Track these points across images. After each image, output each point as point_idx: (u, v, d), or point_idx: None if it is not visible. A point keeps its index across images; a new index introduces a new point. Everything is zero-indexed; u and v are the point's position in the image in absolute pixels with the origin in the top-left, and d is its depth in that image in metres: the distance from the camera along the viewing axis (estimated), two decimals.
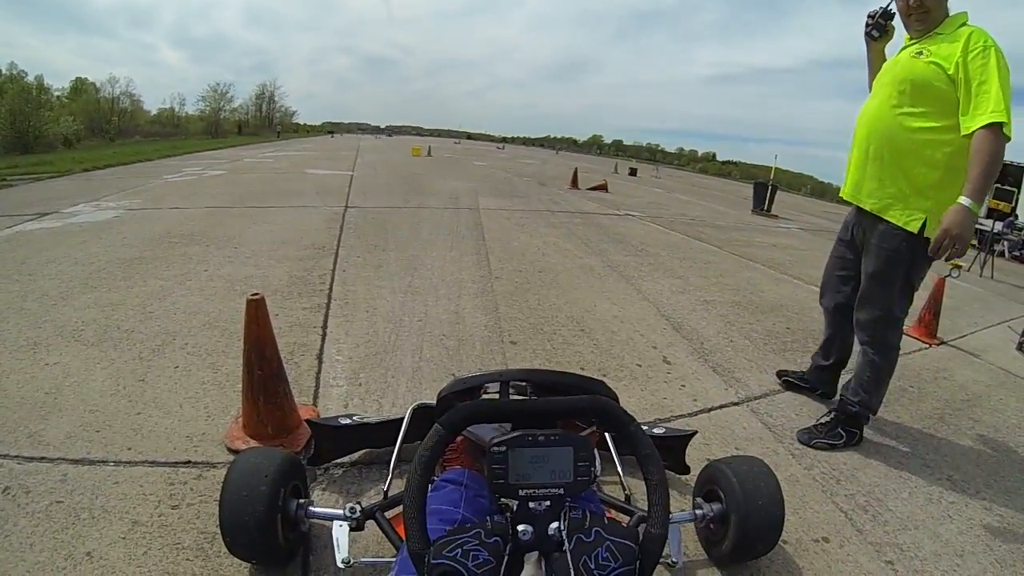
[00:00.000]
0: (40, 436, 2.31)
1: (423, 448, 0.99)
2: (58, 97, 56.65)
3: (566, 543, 0.96)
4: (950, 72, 2.30)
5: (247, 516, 1.59)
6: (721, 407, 3.16)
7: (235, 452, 2.25)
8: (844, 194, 2.82)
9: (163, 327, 3.48)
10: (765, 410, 3.17)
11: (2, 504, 1.91)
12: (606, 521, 1.01)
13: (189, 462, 2.24)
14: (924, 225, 2.45)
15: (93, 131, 56.70)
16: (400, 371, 3.19)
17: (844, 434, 2.80)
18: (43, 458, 2.17)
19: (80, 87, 67.22)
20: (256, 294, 2.28)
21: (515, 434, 1.01)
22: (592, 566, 0.92)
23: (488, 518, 0.94)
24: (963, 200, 2.23)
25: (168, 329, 3.45)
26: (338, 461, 2.31)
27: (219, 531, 1.65)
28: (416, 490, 0.96)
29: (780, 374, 3.54)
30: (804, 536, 2.16)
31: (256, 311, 2.26)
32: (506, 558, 0.90)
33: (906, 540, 2.20)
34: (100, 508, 1.94)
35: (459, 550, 0.87)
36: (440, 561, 0.86)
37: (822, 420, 2.90)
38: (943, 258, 2.31)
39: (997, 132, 2.19)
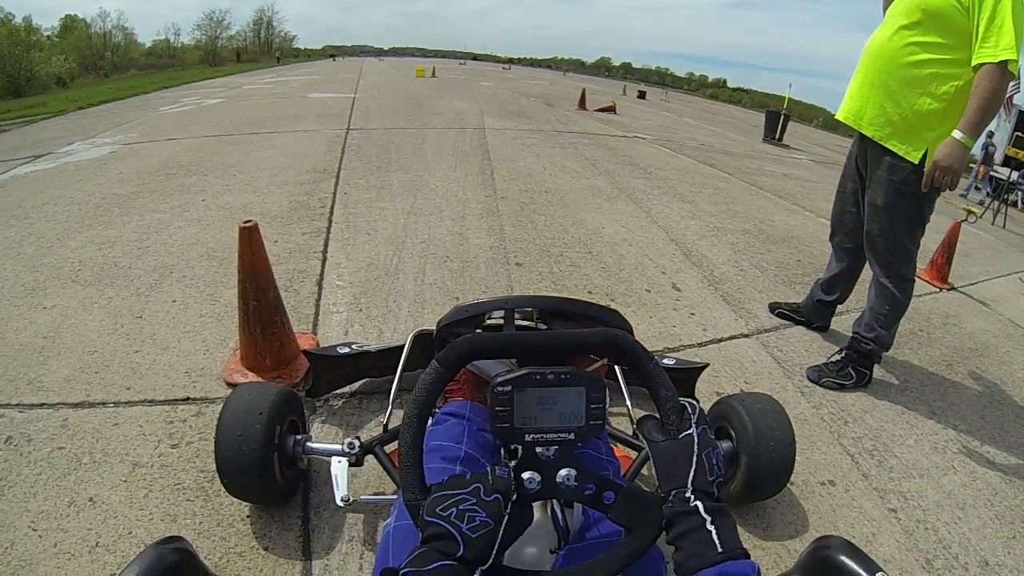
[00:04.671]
0: (40, 382, 2.26)
1: (419, 389, 0.87)
2: (48, 37, 55.37)
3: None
4: (964, 2, 2.19)
5: (243, 457, 1.53)
6: (731, 338, 3.08)
7: (233, 386, 2.19)
8: (842, 117, 2.70)
9: (160, 261, 3.39)
10: (775, 344, 3.09)
11: (5, 455, 1.88)
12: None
13: (188, 399, 2.19)
14: (925, 156, 2.36)
15: (87, 68, 55.75)
16: (402, 295, 3.11)
17: (854, 374, 2.74)
18: (43, 404, 2.13)
19: (70, 24, 65.41)
20: (249, 221, 2.14)
21: (521, 372, 0.88)
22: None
23: (490, 469, 0.83)
24: (956, 133, 2.22)
25: (165, 263, 3.37)
26: (338, 392, 2.25)
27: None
28: (412, 437, 0.86)
29: (772, 306, 3.46)
30: (811, 478, 2.12)
31: (249, 239, 2.13)
32: (506, 518, 0.80)
33: (910, 488, 2.16)
34: (101, 452, 1.91)
35: (454, 509, 0.76)
36: (432, 520, 0.76)
37: (832, 359, 2.83)
38: (939, 190, 2.35)
39: (1003, 69, 2.14)
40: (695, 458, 0.82)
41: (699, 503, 0.78)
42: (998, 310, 4.25)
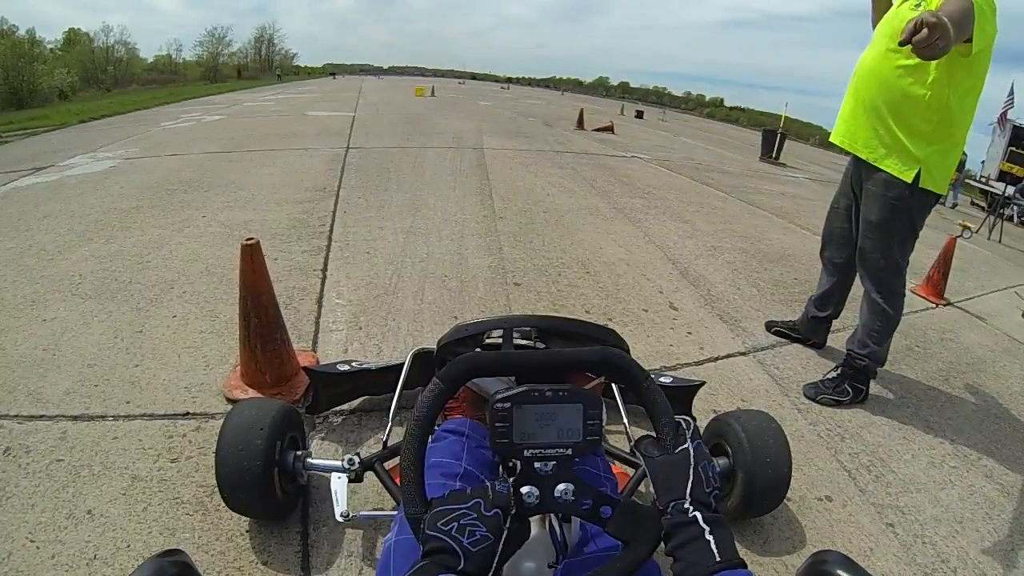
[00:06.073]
0: (39, 394, 2.27)
1: (420, 405, 0.90)
2: (51, 50, 55.67)
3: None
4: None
5: (243, 471, 1.54)
6: (728, 357, 3.10)
7: (233, 402, 2.20)
8: (836, 140, 2.75)
9: (161, 276, 3.41)
10: (772, 362, 3.11)
11: (3, 466, 1.88)
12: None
13: (188, 414, 2.19)
14: (919, 175, 2.41)
15: (89, 82, 56.04)
16: (401, 314, 3.13)
17: (851, 390, 2.76)
18: (42, 416, 2.14)
19: (73, 38, 65.82)
20: (251, 239, 2.17)
21: (520, 389, 0.90)
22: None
23: (490, 485, 0.86)
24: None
25: (166, 278, 3.39)
26: (337, 409, 2.26)
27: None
28: (413, 452, 0.88)
29: (769, 325, 3.49)
30: (807, 494, 2.13)
31: (251, 257, 2.16)
32: (505, 532, 0.81)
33: (907, 503, 2.17)
34: (100, 464, 1.91)
35: (455, 524, 0.78)
36: (433, 534, 0.78)
37: (829, 375, 2.85)
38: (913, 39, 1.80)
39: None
40: (692, 470, 0.85)
41: (697, 513, 0.80)
42: (995, 324, 4.28)
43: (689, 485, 0.83)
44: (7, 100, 34.68)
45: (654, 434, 0.93)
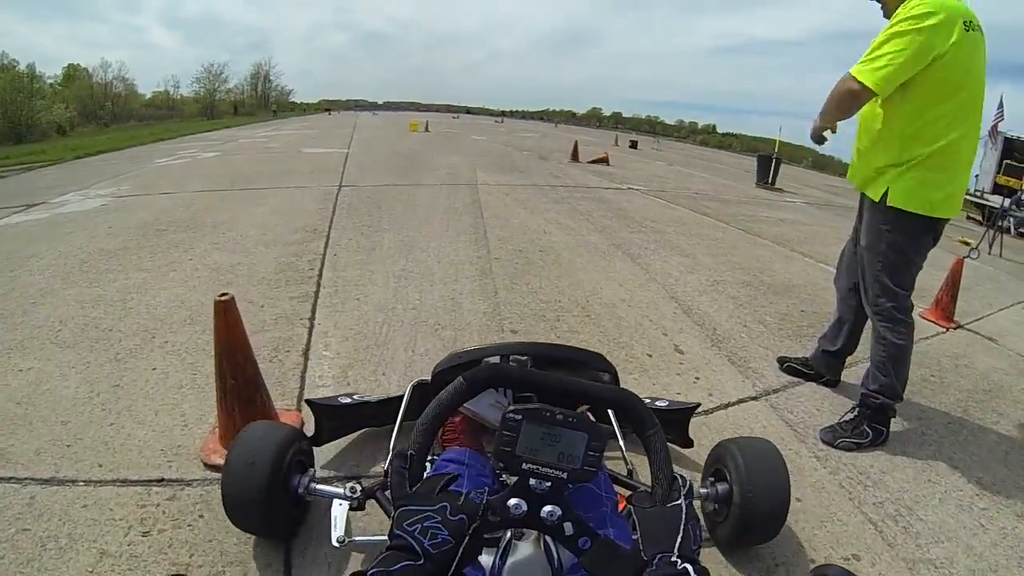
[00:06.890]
0: (8, 453, 2.16)
1: (441, 396, 0.99)
2: (51, 85, 56.07)
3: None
4: None
5: (251, 482, 1.60)
6: (739, 403, 2.99)
7: (212, 467, 2.10)
8: (848, 178, 2.90)
9: (142, 324, 3.32)
10: (784, 405, 3.00)
11: None
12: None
13: (162, 480, 2.08)
14: (886, 194, 2.50)
15: (87, 117, 56.51)
16: (392, 367, 3.02)
17: (870, 432, 2.65)
18: (11, 478, 2.03)
19: (72, 74, 66.52)
20: (224, 295, 2.07)
21: (534, 406, 0.96)
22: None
23: (464, 493, 0.92)
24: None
25: (147, 327, 3.29)
26: (338, 442, 2.27)
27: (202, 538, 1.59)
28: (426, 428, 0.99)
29: (781, 360, 3.41)
30: (833, 553, 2.02)
31: (225, 313, 2.06)
32: (467, 539, 0.86)
33: (939, 554, 2.06)
34: (67, 536, 1.80)
35: (419, 525, 0.84)
36: (399, 533, 0.84)
37: (846, 417, 2.75)
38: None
39: (851, 80, 2.38)
40: (682, 527, 0.90)
41: (688, 566, 0.83)
42: (1007, 345, 4.22)
43: (679, 540, 0.87)
44: (5, 135, 34.98)
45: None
